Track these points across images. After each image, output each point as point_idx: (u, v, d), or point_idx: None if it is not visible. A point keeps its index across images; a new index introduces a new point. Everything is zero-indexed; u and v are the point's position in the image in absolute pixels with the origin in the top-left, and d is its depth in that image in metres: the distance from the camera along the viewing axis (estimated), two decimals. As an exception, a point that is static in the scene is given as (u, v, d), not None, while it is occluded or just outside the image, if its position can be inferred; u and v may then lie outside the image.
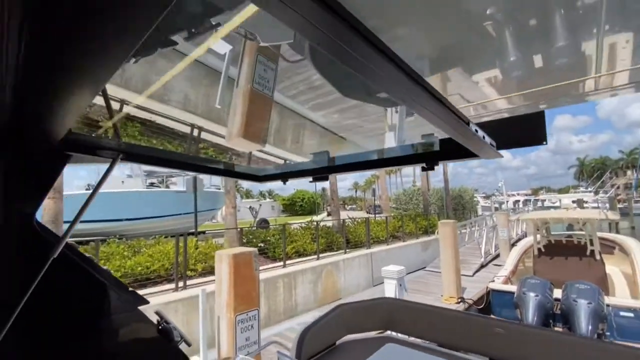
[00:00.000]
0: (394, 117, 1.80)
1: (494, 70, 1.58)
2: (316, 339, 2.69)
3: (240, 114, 1.31)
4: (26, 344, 1.28)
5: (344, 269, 9.07)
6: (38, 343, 1.35)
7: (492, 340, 2.40)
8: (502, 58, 1.40)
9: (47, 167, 1.29)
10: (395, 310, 3.09)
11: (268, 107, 1.39)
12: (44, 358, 1.28)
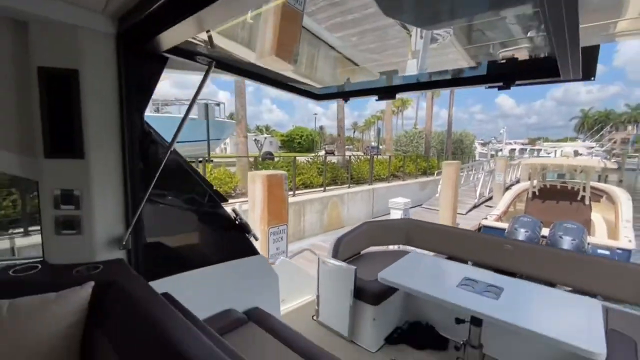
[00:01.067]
0: (418, 43, 1.68)
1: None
2: (346, 247, 3.11)
3: (272, 31, 1.25)
4: (156, 217, 1.61)
5: (347, 202, 9.63)
6: (161, 219, 1.68)
7: (500, 255, 2.83)
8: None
9: (153, 69, 1.46)
10: (413, 228, 3.51)
11: (299, 24, 1.32)
12: (166, 228, 1.62)
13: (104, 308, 1.20)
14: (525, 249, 2.86)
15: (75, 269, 1.39)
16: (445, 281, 2.31)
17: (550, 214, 7.77)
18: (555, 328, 1.67)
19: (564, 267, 2.62)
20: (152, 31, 1.25)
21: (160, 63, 1.56)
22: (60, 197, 1.40)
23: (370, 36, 1.77)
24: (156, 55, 1.50)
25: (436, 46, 1.65)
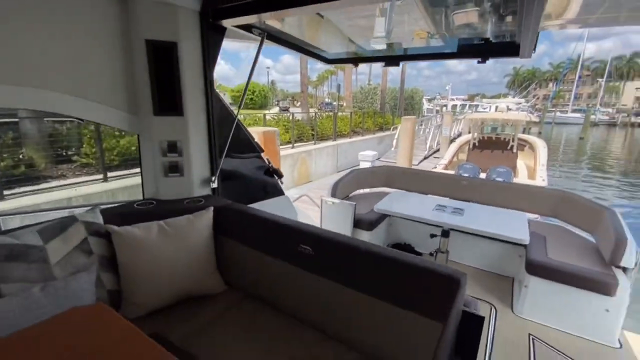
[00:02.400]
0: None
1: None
2: (341, 190, 3.81)
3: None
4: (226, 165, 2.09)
5: (315, 157, 10.27)
6: (229, 167, 2.17)
7: (459, 188, 3.75)
8: None
9: (217, 39, 1.84)
10: (393, 173, 4.31)
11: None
12: (232, 174, 2.14)
13: (222, 222, 1.73)
14: (476, 183, 3.82)
15: (184, 201, 1.86)
16: (424, 208, 3.12)
17: (486, 161, 9.25)
18: (499, 229, 2.56)
19: (502, 193, 3.63)
20: (228, 11, 1.65)
21: (222, 34, 1.92)
22: (167, 147, 1.81)
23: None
24: (219, 27, 1.86)
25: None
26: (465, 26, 2.07)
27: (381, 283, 1.25)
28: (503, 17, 1.81)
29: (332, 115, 12.44)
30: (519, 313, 2.68)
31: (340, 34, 2.52)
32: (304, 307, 1.46)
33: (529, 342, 2.38)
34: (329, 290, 1.37)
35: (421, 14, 1.75)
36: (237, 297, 1.63)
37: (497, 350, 2.28)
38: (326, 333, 1.39)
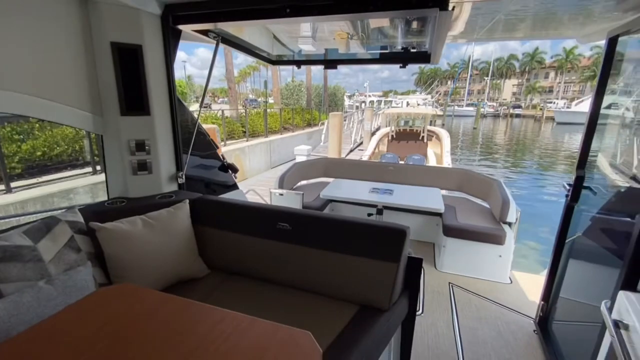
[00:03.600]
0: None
1: None
2: (287, 181, 4.11)
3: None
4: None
5: (249, 154, 10.27)
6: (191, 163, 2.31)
7: (387, 174, 4.38)
8: None
9: (174, 42, 1.98)
10: (331, 164, 4.76)
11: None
12: (195, 170, 2.30)
13: (199, 212, 1.89)
14: (400, 167, 4.51)
15: (156, 197, 1.95)
16: (361, 191, 3.62)
17: (403, 150, 10.49)
18: (422, 203, 3.18)
19: (420, 175, 4.36)
20: (188, 17, 1.82)
21: (179, 37, 2.04)
22: (135, 146, 1.87)
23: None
24: (177, 30, 1.99)
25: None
26: (380, 33, 2.49)
27: (349, 242, 1.61)
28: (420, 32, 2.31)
29: (262, 112, 12.50)
30: (440, 268, 3.36)
31: (284, 37, 2.80)
32: (285, 274, 1.75)
33: (449, 288, 3.04)
34: (306, 256, 1.67)
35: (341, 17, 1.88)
36: (221, 277, 1.83)
37: (428, 296, 2.88)
38: (308, 290, 1.70)
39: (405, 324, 1.72)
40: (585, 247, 2.09)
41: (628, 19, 1.72)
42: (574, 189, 2.14)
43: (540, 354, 2.25)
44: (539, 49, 61.06)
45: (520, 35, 2.51)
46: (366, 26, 2.30)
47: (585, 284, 2.01)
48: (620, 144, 2.16)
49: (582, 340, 1.79)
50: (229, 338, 0.91)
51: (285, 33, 2.59)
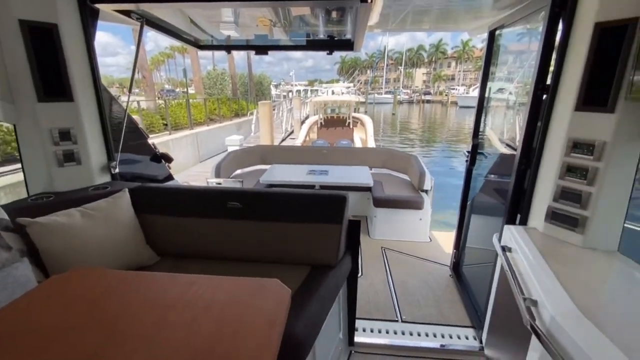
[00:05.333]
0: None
1: None
2: (224, 171, 4.08)
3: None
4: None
5: (173, 148, 9.60)
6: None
7: (321, 156, 4.64)
8: None
9: (92, 22, 1.89)
10: (267, 151, 4.83)
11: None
12: (127, 160, 2.21)
13: (142, 201, 1.84)
14: (332, 150, 4.82)
15: (89, 189, 1.83)
16: (299, 174, 3.80)
17: (332, 136, 10.98)
18: (355, 180, 3.51)
19: (350, 156, 4.73)
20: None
21: (96, 17, 1.91)
22: (59, 135, 1.72)
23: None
24: (95, 10, 1.87)
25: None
26: (302, 21, 2.63)
27: (297, 212, 1.77)
28: (340, 22, 2.53)
29: (184, 103, 11.70)
30: (373, 237, 3.77)
31: (202, 22, 2.75)
32: (240, 250, 1.84)
33: (382, 252, 3.45)
34: (259, 230, 1.79)
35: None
36: (173, 261, 1.83)
37: (366, 261, 3.24)
38: (265, 261, 1.82)
39: (350, 279, 1.98)
40: (481, 202, 2.61)
41: (503, 15, 2.18)
42: (471, 154, 2.64)
43: (455, 292, 2.76)
44: (442, 40, 68.40)
45: (427, 27, 2.92)
46: (288, 14, 2.41)
47: (482, 232, 2.52)
48: (506, 122, 2.72)
49: (483, 275, 2.28)
50: (204, 295, 1.01)
51: (204, 18, 2.55)
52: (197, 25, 2.65)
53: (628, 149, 1.33)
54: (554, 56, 1.60)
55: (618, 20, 1.26)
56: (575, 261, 1.37)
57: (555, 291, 1.16)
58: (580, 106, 1.41)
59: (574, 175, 1.45)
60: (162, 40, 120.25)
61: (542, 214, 1.60)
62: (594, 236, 1.44)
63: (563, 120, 1.50)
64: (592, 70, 1.36)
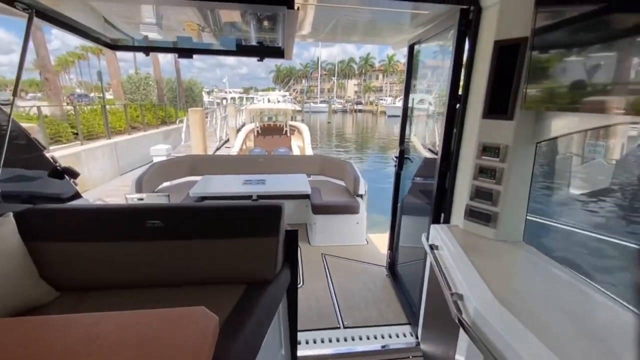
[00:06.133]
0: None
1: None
2: (146, 184, 3.71)
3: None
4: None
5: (86, 161, 8.47)
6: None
7: (258, 165, 4.51)
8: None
9: None
10: (198, 161, 4.53)
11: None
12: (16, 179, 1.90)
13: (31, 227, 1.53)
14: (269, 159, 4.72)
15: None
16: (234, 184, 3.63)
17: (270, 145, 10.86)
18: (293, 188, 3.47)
19: (287, 164, 4.69)
20: None
21: None
22: None
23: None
24: None
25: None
26: (233, 27, 2.55)
27: (229, 226, 1.65)
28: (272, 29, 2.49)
29: (99, 109, 10.43)
30: (313, 244, 3.76)
31: (118, 22, 2.48)
32: (163, 273, 1.64)
33: (322, 259, 3.46)
34: (186, 249, 1.62)
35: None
36: (77, 297, 1.56)
37: (307, 272, 3.20)
38: (194, 283, 1.65)
39: (290, 292, 1.91)
40: (410, 203, 2.78)
41: (420, 31, 2.37)
42: (399, 160, 2.80)
43: (392, 291, 2.88)
44: (370, 54, 73.16)
45: (356, 39, 3.04)
46: (218, 19, 2.30)
47: (413, 231, 2.68)
48: (427, 130, 2.95)
49: (415, 273, 2.41)
50: (110, 337, 0.85)
51: (119, 17, 2.29)
52: (111, 25, 2.35)
53: (525, 151, 1.52)
54: (464, 70, 1.78)
55: (512, 39, 1.45)
56: (491, 253, 1.51)
57: (477, 284, 1.25)
58: (487, 114, 1.58)
59: (485, 175, 1.62)
60: (71, 38, 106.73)
61: (462, 212, 1.74)
62: (504, 229, 1.61)
63: (474, 127, 1.67)
64: (494, 83, 1.54)
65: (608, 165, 4.32)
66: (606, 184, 5.92)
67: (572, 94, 1.19)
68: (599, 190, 6.81)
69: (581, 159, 4.90)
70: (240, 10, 2.01)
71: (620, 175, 7.17)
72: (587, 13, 1.12)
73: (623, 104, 0.97)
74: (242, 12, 2.03)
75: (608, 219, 7.33)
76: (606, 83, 1.04)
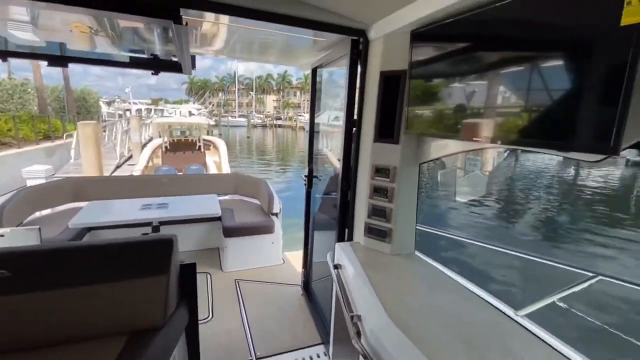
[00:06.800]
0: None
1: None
2: (8, 216, 3.02)
3: None
4: None
5: None
6: None
7: (162, 186, 4.08)
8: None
9: None
10: (83, 184, 3.87)
11: None
12: None
13: None
14: (175, 179, 4.32)
15: None
16: (130, 211, 3.19)
17: (181, 162, 10.05)
18: (199, 211, 3.21)
19: (197, 184, 4.36)
20: None
21: None
22: None
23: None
24: None
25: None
26: (135, 35, 2.31)
27: (107, 267, 1.40)
28: (165, 43, 2.30)
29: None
30: (226, 269, 3.53)
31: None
32: (13, 337, 1.30)
33: (236, 285, 3.26)
34: (46, 302, 1.32)
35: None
36: None
37: (217, 301, 2.96)
38: (58, 343, 1.34)
39: (189, 334, 1.72)
40: (320, 220, 2.83)
41: (321, 56, 2.47)
42: (308, 178, 2.84)
43: (307, 310, 2.85)
44: (287, 72, 74.86)
45: (273, 60, 3.03)
46: (116, 24, 2.03)
47: (324, 247, 2.72)
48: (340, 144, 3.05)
49: (328, 289, 2.43)
50: None
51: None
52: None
53: (410, 171, 1.68)
54: (358, 95, 1.90)
55: (394, 70, 1.60)
56: (387, 268, 1.60)
57: (373, 304, 1.29)
58: (377, 138, 1.70)
59: (379, 195, 1.73)
60: None
61: (362, 230, 1.82)
62: (398, 244, 1.73)
63: (368, 150, 1.78)
64: (382, 110, 1.67)
65: (483, 176, 5.25)
66: (482, 192, 7.18)
67: (437, 122, 1.35)
68: (478, 198, 8.22)
69: (464, 171, 5.85)
70: (128, 19, 1.80)
71: (493, 184, 8.80)
72: (450, 52, 1.30)
73: (480, 133, 1.13)
74: (130, 20, 1.83)
75: (486, 224, 8.78)
76: (465, 113, 1.20)
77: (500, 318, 1.22)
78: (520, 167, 14.31)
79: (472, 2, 1.07)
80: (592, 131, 0.78)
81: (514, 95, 1.02)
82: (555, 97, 0.88)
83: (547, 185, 13.59)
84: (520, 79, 0.99)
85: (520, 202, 11.57)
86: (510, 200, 11.60)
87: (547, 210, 11.01)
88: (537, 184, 13.78)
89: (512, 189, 13.03)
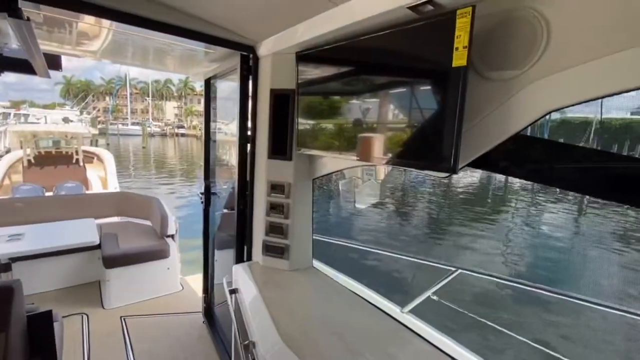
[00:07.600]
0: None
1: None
2: None
3: None
4: None
5: None
6: None
7: (16, 213, 3.26)
8: None
9: None
10: None
11: None
12: None
13: None
14: (35, 202, 3.51)
15: None
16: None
17: (50, 178, 8.30)
18: (68, 240, 2.66)
19: (69, 206, 3.64)
20: None
21: None
22: None
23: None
24: None
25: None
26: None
27: None
28: None
29: None
30: (108, 306, 3.01)
31: None
32: None
33: (122, 323, 2.80)
34: None
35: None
36: None
37: (96, 347, 2.47)
38: None
39: None
40: (222, 238, 2.67)
41: (213, 67, 2.36)
42: (205, 196, 2.66)
43: (209, 339, 2.63)
44: (189, 78, 69.99)
45: (170, 69, 2.73)
46: None
47: (226, 267, 2.57)
48: None
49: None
50: None
51: None
52: None
53: (304, 186, 1.71)
54: (251, 111, 1.85)
55: (284, 89, 1.61)
56: (284, 285, 1.59)
57: (267, 327, 1.25)
58: (271, 155, 1.69)
59: (276, 211, 1.71)
60: None
61: (260, 248, 1.78)
62: (296, 259, 1.74)
63: (262, 167, 1.75)
64: (274, 126, 1.67)
65: (377, 184, 5.85)
66: (377, 198, 8.01)
67: (325, 140, 1.42)
68: (375, 203, 9.14)
69: (362, 180, 6.39)
70: None
71: (386, 190, 9.88)
72: (332, 74, 1.38)
73: (363, 153, 1.22)
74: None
75: (381, 227, 9.78)
76: (348, 132, 1.28)
77: (385, 320, 1.32)
78: (408, 174, 16.47)
79: (347, 32, 1.16)
80: (437, 155, 0.91)
81: (385, 121, 1.14)
82: (414, 128, 1.02)
83: (430, 189, 15.92)
84: (386, 107, 1.11)
85: (410, 204, 13.26)
86: (402, 203, 13.20)
87: (430, 210, 12.90)
88: (421, 190, 16.02)
89: (404, 194, 14.86)
